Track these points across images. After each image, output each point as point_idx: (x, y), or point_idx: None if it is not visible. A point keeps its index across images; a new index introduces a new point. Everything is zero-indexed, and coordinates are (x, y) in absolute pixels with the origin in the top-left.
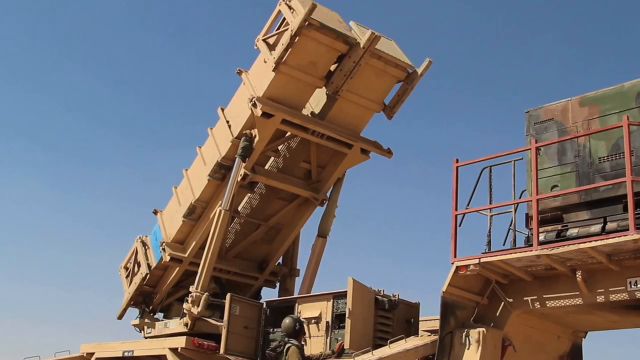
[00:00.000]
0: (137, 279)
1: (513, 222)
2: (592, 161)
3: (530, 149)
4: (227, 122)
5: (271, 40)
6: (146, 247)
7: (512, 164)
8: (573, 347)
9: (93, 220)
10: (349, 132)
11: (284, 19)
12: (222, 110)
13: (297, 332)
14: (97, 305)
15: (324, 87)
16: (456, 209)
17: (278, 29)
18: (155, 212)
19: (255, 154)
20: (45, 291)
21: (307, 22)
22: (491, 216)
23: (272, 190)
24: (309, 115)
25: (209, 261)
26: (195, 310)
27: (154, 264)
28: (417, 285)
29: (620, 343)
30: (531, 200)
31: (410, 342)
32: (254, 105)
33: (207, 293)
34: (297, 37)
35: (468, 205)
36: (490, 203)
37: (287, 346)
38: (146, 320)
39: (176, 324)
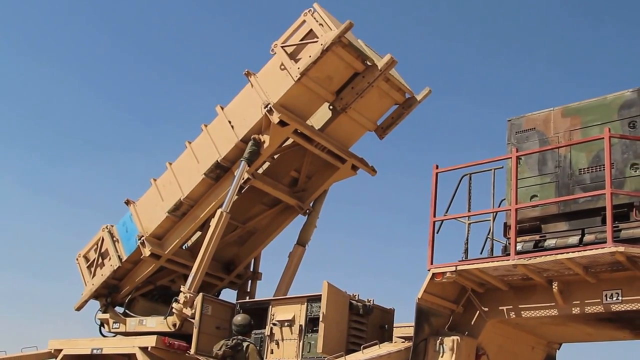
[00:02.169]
0: (105, 271)
1: (491, 230)
2: (573, 172)
3: (510, 157)
4: (229, 122)
5: (289, 49)
6: (114, 238)
7: (492, 172)
8: (547, 358)
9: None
10: (342, 146)
11: (311, 30)
12: (222, 108)
13: (251, 328)
14: (61, 296)
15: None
16: (434, 216)
17: (302, 39)
18: (127, 203)
19: (261, 159)
20: (12, 282)
21: (339, 39)
22: (469, 224)
23: (257, 194)
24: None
25: (204, 263)
26: (189, 312)
27: (124, 257)
28: (393, 292)
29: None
30: (510, 210)
31: (384, 348)
32: (270, 111)
33: (201, 294)
34: (327, 52)
35: (446, 212)
36: (469, 211)
37: (246, 344)
38: (111, 314)
39: (156, 322)
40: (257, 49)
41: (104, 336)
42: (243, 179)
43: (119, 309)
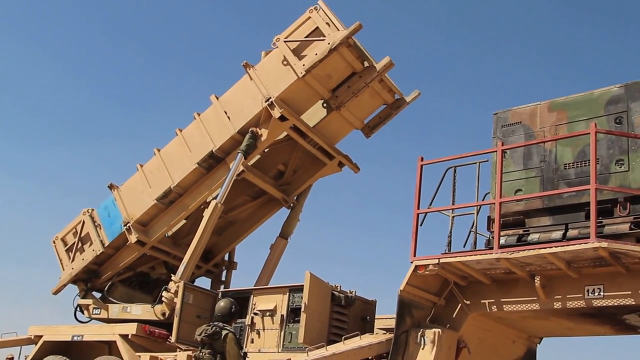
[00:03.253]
0: (87, 256)
1: (475, 224)
2: (558, 167)
3: (496, 151)
4: (225, 112)
5: (292, 45)
6: (96, 222)
7: (477, 165)
8: (527, 352)
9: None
10: (330, 143)
11: (317, 28)
12: (217, 98)
13: (232, 315)
14: (38, 282)
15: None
16: (418, 208)
17: (307, 36)
18: (110, 187)
19: (256, 152)
20: None
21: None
22: (453, 217)
23: (243, 186)
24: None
25: (197, 252)
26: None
27: (107, 242)
28: (375, 284)
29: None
30: (494, 203)
31: (365, 340)
32: (271, 106)
33: (182, 282)
34: (333, 52)
35: (430, 204)
36: (453, 204)
37: (224, 333)
38: (94, 300)
39: (142, 310)
40: (247, 39)
41: (80, 321)
42: (238, 170)
43: (96, 295)
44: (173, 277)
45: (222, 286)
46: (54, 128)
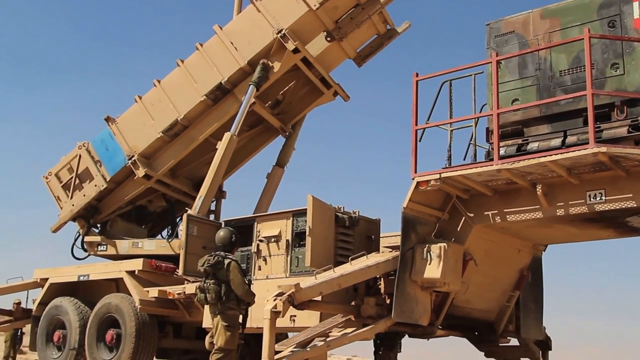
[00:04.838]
0: (88, 192)
1: (473, 136)
2: (553, 74)
3: (490, 62)
4: (232, 43)
5: None
6: (94, 157)
7: (472, 77)
8: (533, 260)
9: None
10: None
11: None
12: (220, 28)
13: (233, 244)
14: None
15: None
16: (416, 124)
17: None
18: (107, 120)
19: (267, 84)
20: None
21: None
22: (451, 131)
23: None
24: None
25: (214, 186)
26: None
27: (108, 177)
28: (378, 203)
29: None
30: (491, 115)
31: (372, 259)
32: (284, 38)
33: (186, 214)
34: None
35: (428, 119)
36: (451, 117)
37: (227, 262)
38: (102, 237)
39: (155, 245)
40: None
41: (77, 258)
42: (250, 103)
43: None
44: (190, 211)
45: (212, 215)
46: (28, 69)
